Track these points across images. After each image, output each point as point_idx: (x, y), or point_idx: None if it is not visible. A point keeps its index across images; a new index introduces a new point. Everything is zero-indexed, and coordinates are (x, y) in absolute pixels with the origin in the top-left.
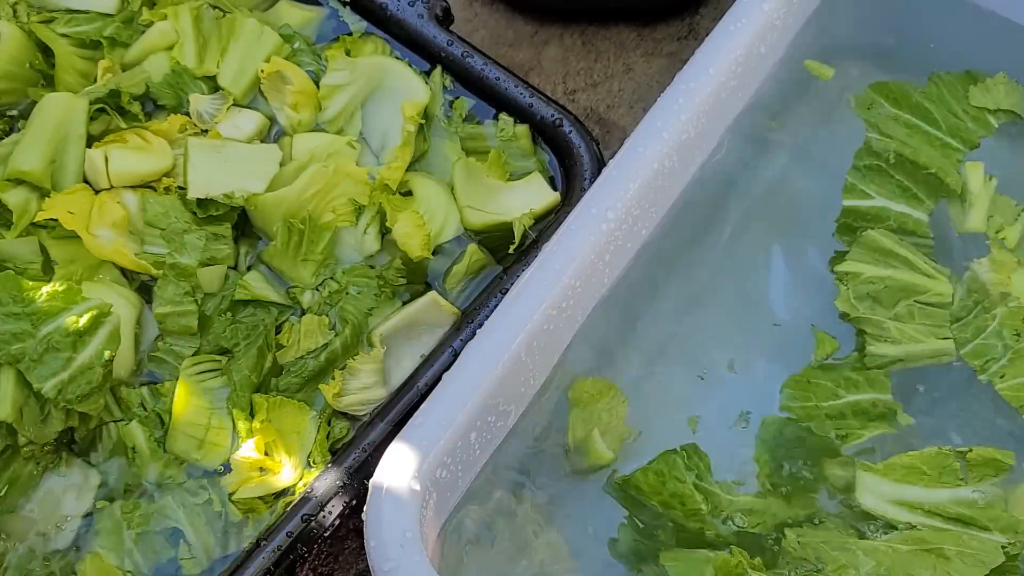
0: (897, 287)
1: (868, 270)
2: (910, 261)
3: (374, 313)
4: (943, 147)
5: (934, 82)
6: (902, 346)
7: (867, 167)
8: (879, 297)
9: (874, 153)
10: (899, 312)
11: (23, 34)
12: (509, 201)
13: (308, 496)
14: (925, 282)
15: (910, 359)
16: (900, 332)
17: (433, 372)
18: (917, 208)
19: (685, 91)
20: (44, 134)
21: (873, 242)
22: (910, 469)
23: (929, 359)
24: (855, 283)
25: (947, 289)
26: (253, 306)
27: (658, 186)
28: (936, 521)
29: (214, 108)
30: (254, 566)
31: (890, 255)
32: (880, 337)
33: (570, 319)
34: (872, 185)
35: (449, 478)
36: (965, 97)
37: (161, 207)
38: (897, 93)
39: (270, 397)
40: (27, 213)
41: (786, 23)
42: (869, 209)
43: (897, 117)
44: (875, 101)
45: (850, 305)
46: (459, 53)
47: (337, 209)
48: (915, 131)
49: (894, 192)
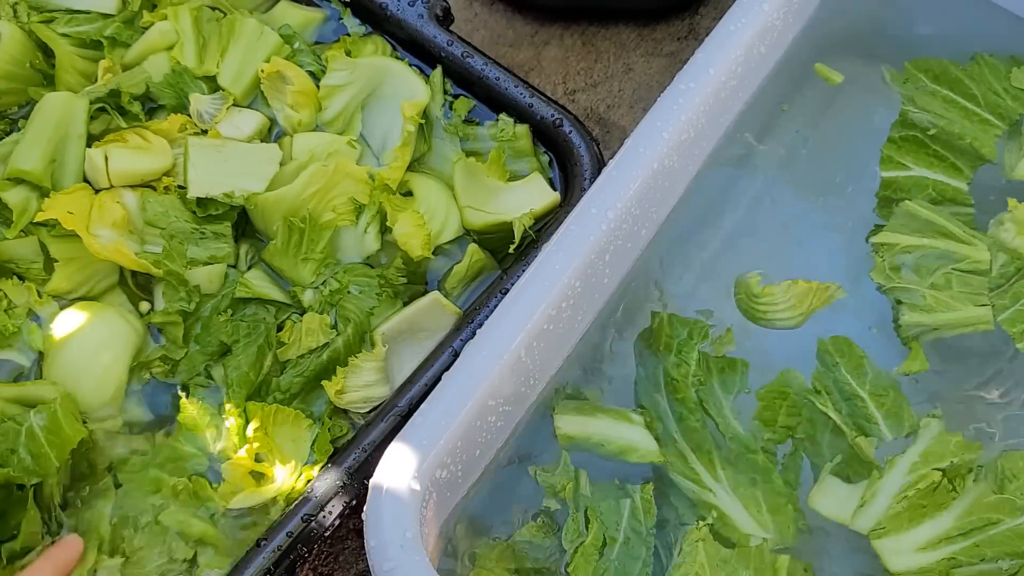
0: (934, 255)
1: (904, 240)
2: (947, 229)
3: (376, 313)
4: (981, 122)
5: (976, 61)
6: (936, 314)
7: (903, 138)
8: (915, 267)
9: (910, 124)
10: (936, 281)
11: (23, 34)
12: (509, 201)
13: (308, 496)
14: (963, 249)
15: (945, 327)
16: (936, 300)
17: (433, 372)
18: (955, 177)
19: (685, 91)
20: (44, 133)
21: (911, 212)
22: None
23: (965, 327)
24: (890, 254)
25: (985, 256)
26: (254, 305)
27: (658, 186)
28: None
29: (214, 108)
30: (254, 566)
31: (927, 224)
32: (915, 307)
33: (570, 319)
34: (909, 156)
35: (449, 478)
36: (1007, 78)
37: (161, 206)
38: (937, 70)
39: (265, 405)
40: (27, 212)
41: (786, 23)
42: (907, 179)
43: (935, 92)
44: (913, 76)
45: (885, 275)
46: (459, 53)
47: (337, 208)
48: (953, 105)
49: (931, 162)
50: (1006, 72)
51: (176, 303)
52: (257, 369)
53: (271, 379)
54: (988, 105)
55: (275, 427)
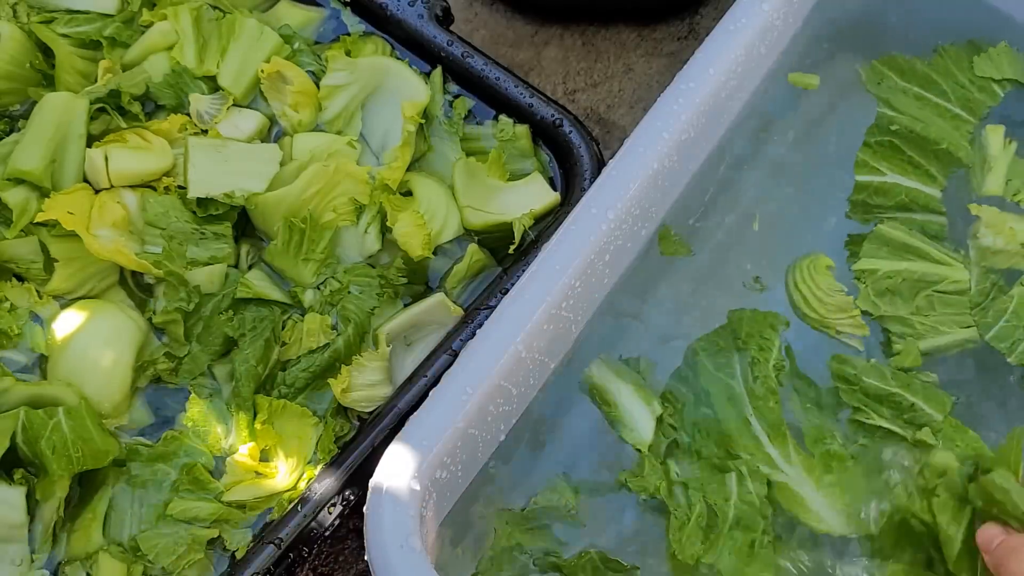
0: (914, 279)
1: (884, 265)
2: (923, 251)
3: (377, 313)
4: (954, 119)
5: (939, 54)
6: (927, 340)
7: (878, 143)
8: (898, 291)
9: (885, 129)
10: (919, 304)
11: (23, 34)
12: (509, 201)
13: (308, 496)
14: (941, 270)
15: (937, 352)
16: (923, 326)
17: (433, 372)
18: (929, 184)
19: (685, 91)
20: (44, 134)
21: (885, 236)
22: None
23: (956, 348)
24: (872, 280)
25: (963, 276)
26: (255, 305)
27: (658, 186)
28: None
29: (214, 108)
30: (254, 566)
31: (903, 248)
32: (905, 333)
33: (570, 319)
34: (884, 162)
35: (449, 478)
36: (970, 68)
37: (161, 207)
38: (904, 66)
39: (274, 400)
40: (27, 212)
41: (786, 23)
42: (881, 185)
43: (907, 90)
44: (884, 75)
45: (872, 303)
46: (459, 53)
47: (338, 208)
48: (925, 103)
49: (906, 169)
50: (968, 62)
51: (176, 303)
52: (265, 363)
53: (276, 373)
54: (958, 100)
55: (282, 422)
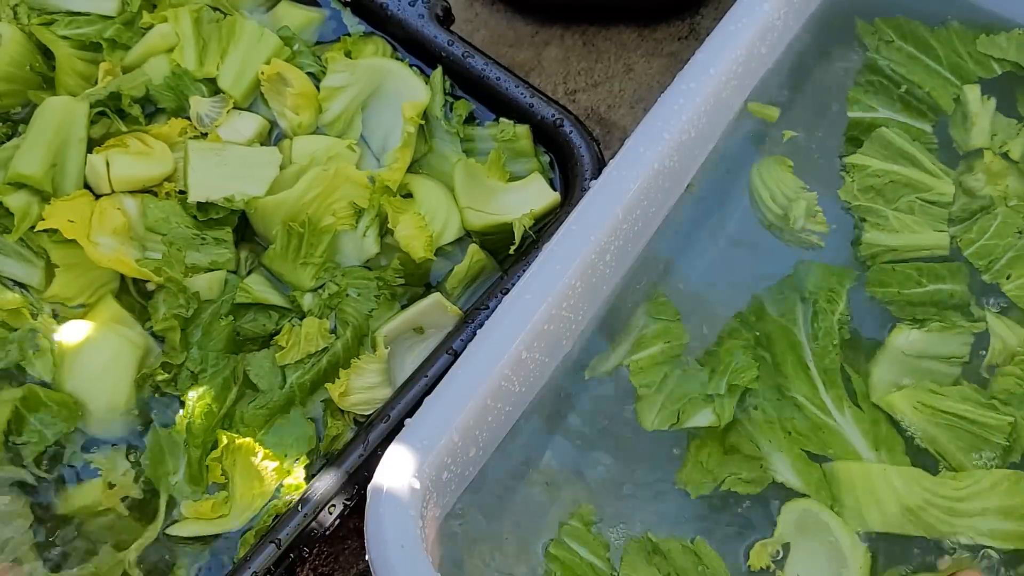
0: (901, 182)
1: (875, 163)
2: (917, 159)
3: (375, 315)
4: (941, 79)
5: (947, 27)
6: (898, 235)
7: (869, 83)
8: (882, 191)
9: (876, 70)
10: (900, 206)
11: (23, 36)
12: (509, 202)
13: (308, 496)
14: (929, 180)
15: (904, 250)
16: (899, 222)
17: (433, 372)
18: (920, 120)
19: (685, 91)
20: (45, 138)
21: (886, 138)
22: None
23: (923, 250)
24: (860, 175)
25: (949, 189)
26: (254, 310)
27: (658, 186)
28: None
29: (214, 111)
30: (254, 566)
31: (899, 153)
32: (877, 225)
33: (570, 319)
34: (875, 99)
35: (449, 478)
36: (972, 43)
37: (161, 212)
38: (905, 27)
39: (235, 436)
40: (28, 217)
41: (786, 23)
42: (874, 120)
43: (901, 48)
44: (881, 30)
45: (852, 195)
46: (460, 53)
47: (337, 212)
48: (916, 62)
49: (896, 106)
50: (973, 39)
51: (175, 309)
52: (220, 402)
53: (234, 412)
54: (950, 66)
55: (240, 459)
